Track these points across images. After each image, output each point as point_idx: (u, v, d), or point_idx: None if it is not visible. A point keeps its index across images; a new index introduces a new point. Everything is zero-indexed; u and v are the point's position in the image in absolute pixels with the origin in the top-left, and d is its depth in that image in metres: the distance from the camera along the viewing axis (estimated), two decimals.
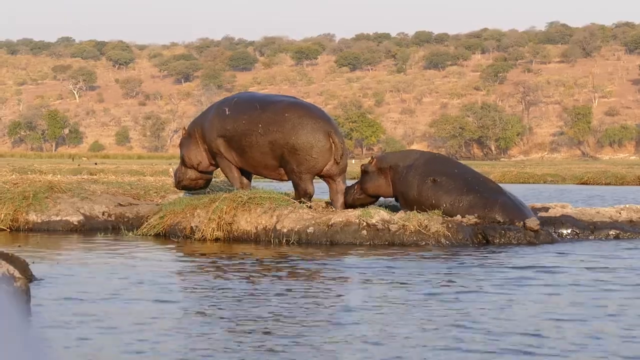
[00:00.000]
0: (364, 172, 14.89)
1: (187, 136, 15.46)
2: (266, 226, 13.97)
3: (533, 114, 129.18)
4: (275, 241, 13.74)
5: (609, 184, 45.74)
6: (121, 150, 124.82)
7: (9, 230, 15.69)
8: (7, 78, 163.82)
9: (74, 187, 16.61)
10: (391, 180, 14.68)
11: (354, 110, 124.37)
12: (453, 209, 13.98)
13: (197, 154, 15.29)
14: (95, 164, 60.38)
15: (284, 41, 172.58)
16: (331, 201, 14.84)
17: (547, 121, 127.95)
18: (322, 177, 14.69)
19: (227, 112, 14.91)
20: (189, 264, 11.61)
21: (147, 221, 15.16)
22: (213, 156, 15.13)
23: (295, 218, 13.93)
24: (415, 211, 13.87)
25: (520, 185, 41.91)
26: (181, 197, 15.56)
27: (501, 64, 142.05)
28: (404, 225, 13.53)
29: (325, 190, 15.33)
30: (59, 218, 15.87)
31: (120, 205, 16.38)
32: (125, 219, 16.10)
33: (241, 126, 14.68)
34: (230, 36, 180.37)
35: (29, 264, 9.35)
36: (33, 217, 15.84)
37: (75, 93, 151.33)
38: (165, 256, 12.38)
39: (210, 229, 14.12)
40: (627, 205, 15.63)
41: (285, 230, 13.82)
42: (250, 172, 15.10)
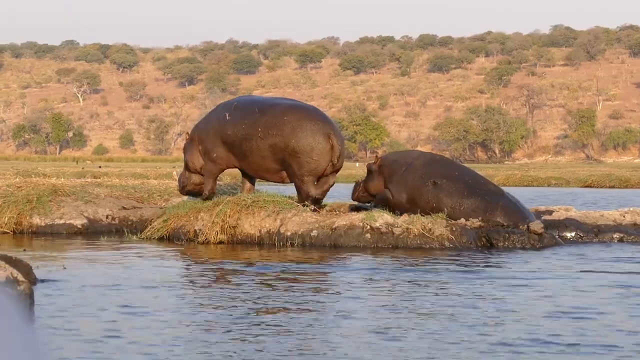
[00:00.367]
0: (369, 171, 14.93)
1: (190, 141, 15.45)
2: (270, 229, 13.96)
3: (537, 117, 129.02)
4: (279, 244, 13.73)
5: (613, 187, 45.63)
6: (125, 153, 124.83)
7: (12, 233, 15.70)
8: (12, 81, 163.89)
9: (77, 191, 16.61)
10: (385, 176, 14.60)
11: (358, 114, 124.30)
12: (454, 212, 13.96)
13: (201, 158, 15.26)
14: (100, 167, 60.42)
15: (288, 44, 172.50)
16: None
17: (551, 124, 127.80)
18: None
19: (227, 117, 14.89)
20: (192, 268, 11.59)
21: (151, 224, 15.16)
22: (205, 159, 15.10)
23: (299, 221, 13.92)
24: (419, 214, 13.86)
25: (524, 189, 41.85)
26: (185, 201, 15.56)
27: (505, 67, 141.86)
28: (407, 229, 13.52)
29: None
30: (62, 221, 15.87)
31: (124, 208, 16.39)
32: (129, 222, 16.11)
33: (241, 131, 14.66)
34: (234, 39, 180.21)
35: (33, 268, 9.35)
36: (37, 221, 15.85)
37: (79, 96, 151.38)
38: (169, 260, 12.37)
39: (214, 232, 14.11)
40: (632, 209, 15.61)
41: (289, 233, 13.82)
42: (253, 176, 15.08)
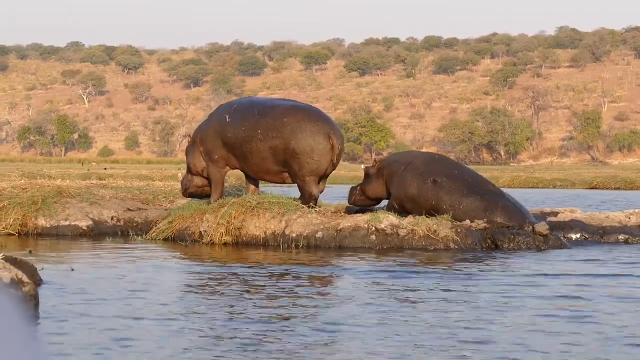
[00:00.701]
0: (366, 175, 14.84)
1: (192, 143, 15.42)
2: (275, 231, 13.96)
3: (542, 118, 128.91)
4: (284, 246, 13.73)
5: (618, 188, 45.59)
6: (130, 155, 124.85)
7: (17, 235, 15.71)
8: (17, 83, 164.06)
9: (82, 192, 16.61)
10: (386, 178, 14.55)
11: (363, 115, 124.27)
12: (454, 210, 13.89)
13: (202, 161, 15.24)
14: (105, 168, 60.45)
15: (293, 46, 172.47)
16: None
17: (557, 126, 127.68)
18: None
19: (227, 119, 14.88)
20: (197, 269, 11.59)
21: (156, 226, 15.17)
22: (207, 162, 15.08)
23: (304, 223, 13.92)
24: (424, 215, 13.83)
25: (529, 190, 41.81)
26: (190, 202, 15.55)
27: (510, 68, 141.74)
28: (412, 230, 13.50)
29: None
30: (67, 223, 15.88)
31: (129, 210, 16.39)
32: (134, 224, 16.11)
33: (241, 133, 14.64)
34: (239, 41, 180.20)
35: (38, 269, 9.36)
36: (42, 222, 15.86)
37: (84, 98, 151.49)
38: (174, 261, 12.37)
39: (219, 233, 14.12)
40: (637, 210, 15.59)
41: (294, 235, 13.81)
42: (255, 178, 15.06)
